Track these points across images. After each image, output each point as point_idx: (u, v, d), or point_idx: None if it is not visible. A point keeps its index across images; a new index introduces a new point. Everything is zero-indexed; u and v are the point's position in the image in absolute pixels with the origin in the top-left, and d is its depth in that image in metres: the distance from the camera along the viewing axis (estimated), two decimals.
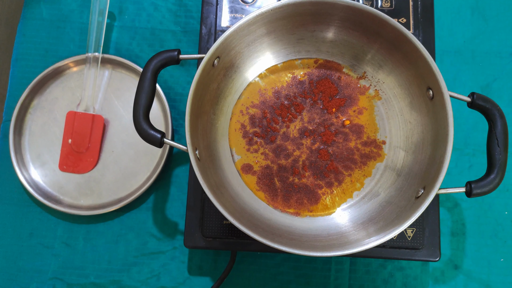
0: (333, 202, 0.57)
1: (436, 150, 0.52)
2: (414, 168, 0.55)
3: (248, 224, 0.49)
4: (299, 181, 0.58)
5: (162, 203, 0.65)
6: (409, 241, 0.58)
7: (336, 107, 0.60)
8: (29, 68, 0.69)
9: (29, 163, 0.65)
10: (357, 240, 0.51)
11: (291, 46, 0.60)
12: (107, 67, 0.67)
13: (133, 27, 0.70)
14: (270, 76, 0.61)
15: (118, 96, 0.67)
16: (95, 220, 0.65)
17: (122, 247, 0.64)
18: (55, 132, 0.66)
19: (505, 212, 0.64)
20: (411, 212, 0.49)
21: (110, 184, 0.64)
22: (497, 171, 0.49)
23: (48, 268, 0.63)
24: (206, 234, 0.58)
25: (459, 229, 0.64)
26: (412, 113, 0.58)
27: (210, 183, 0.50)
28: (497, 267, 0.63)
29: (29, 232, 0.65)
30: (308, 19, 0.56)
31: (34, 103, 0.67)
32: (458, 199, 0.65)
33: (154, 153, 0.65)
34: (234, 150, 0.59)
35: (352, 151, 0.59)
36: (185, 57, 0.52)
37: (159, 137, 0.49)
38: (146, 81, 0.50)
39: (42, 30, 0.70)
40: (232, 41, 0.54)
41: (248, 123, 0.60)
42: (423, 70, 0.53)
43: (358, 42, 0.58)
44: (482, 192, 0.48)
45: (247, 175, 0.58)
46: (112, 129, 0.66)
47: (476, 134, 0.67)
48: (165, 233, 0.64)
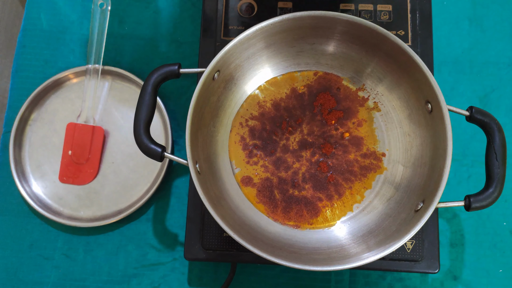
0: (333, 215, 0.58)
1: (435, 163, 0.52)
2: (413, 181, 0.56)
3: (247, 236, 0.49)
4: (299, 194, 0.58)
5: (162, 214, 0.65)
6: (409, 253, 0.58)
7: (335, 119, 0.60)
8: (29, 80, 0.69)
9: (29, 175, 0.65)
10: (357, 253, 0.51)
11: (290, 59, 0.60)
12: (107, 78, 0.68)
13: (133, 38, 0.70)
14: (270, 89, 0.61)
15: (118, 107, 0.67)
16: (95, 232, 0.65)
17: (122, 259, 0.64)
18: (55, 144, 0.66)
19: (504, 223, 0.65)
20: (410, 225, 0.49)
21: (110, 196, 0.65)
22: (496, 185, 0.49)
23: (48, 280, 0.63)
24: (206, 246, 0.59)
25: (458, 240, 0.64)
26: (411, 126, 0.58)
27: (210, 195, 0.51)
28: (496, 277, 0.63)
29: (29, 244, 0.65)
30: (307, 33, 0.57)
31: (34, 115, 0.67)
32: (457, 210, 0.65)
33: (154, 164, 0.65)
34: (234, 163, 0.59)
35: (351, 163, 0.59)
36: (185, 71, 0.52)
37: (160, 151, 0.50)
38: (147, 95, 0.50)
39: (42, 41, 0.70)
40: (232, 54, 0.55)
41: (247, 135, 0.60)
42: (422, 84, 0.53)
43: (357, 55, 0.58)
44: (481, 206, 0.49)
45: (247, 187, 0.58)
46: (112, 140, 0.66)
47: (475, 144, 0.67)
48: (165, 245, 0.64)
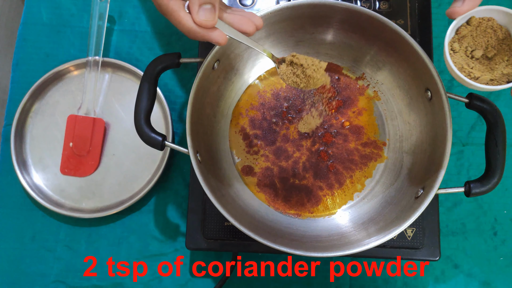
0: (333, 203, 0.58)
1: (435, 150, 0.52)
2: (413, 169, 0.56)
3: (249, 225, 0.50)
4: (299, 183, 0.58)
5: (164, 205, 0.66)
6: (409, 241, 0.58)
7: (335, 108, 0.60)
8: (30, 72, 0.69)
9: (30, 167, 0.66)
10: (358, 240, 0.51)
11: (290, 48, 0.61)
12: (107, 70, 0.68)
13: (133, 31, 0.71)
14: (270, 78, 0.61)
15: (119, 99, 0.67)
16: (97, 223, 0.65)
17: (124, 250, 0.64)
18: (56, 136, 0.66)
19: (504, 211, 0.65)
20: (410, 212, 0.49)
21: (111, 187, 0.65)
22: (496, 171, 0.49)
23: (51, 272, 0.64)
24: (208, 235, 0.59)
25: (458, 228, 0.64)
26: (411, 114, 0.58)
27: (211, 185, 0.51)
28: (497, 265, 0.63)
29: (31, 236, 0.65)
30: (307, 22, 0.57)
31: (35, 107, 0.67)
32: (458, 199, 0.65)
33: (155, 155, 0.65)
34: (235, 152, 0.60)
35: (352, 152, 0.59)
36: (185, 60, 0.52)
37: (160, 140, 0.50)
38: (147, 85, 0.51)
39: (43, 34, 0.71)
40: (232, 44, 0.55)
41: (248, 125, 0.60)
42: (421, 72, 0.53)
43: (356, 44, 0.58)
44: (480, 192, 0.49)
45: (248, 176, 0.59)
46: (113, 132, 0.66)
47: (475, 133, 0.67)
48: (167, 235, 0.65)
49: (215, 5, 0.39)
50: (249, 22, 0.43)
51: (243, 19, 0.43)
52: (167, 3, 0.39)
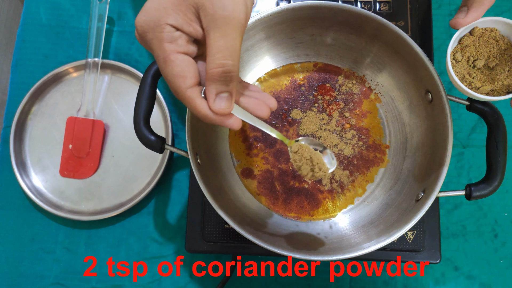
0: (334, 206, 0.58)
1: (435, 153, 0.52)
2: (414, 171, 0.56)
3: (248, 228, 0.49)
4: (299, 185, 0.58)
5: (163, 207, 0.65)
6: (410, 243, 0.58)
7: (335, 110, 0.60)
8: (29, 74, 0.69)
9: (29, 169, 0.65)
10: (358, 243, 0.51)
11: (290, 50, 0.60)
12: (106, 72, 0.68)
13: (132, 32, 0.70)
14: (270, 80, 0.61)
15: (118, 101, 0.67)
16: (96, 225, 0.65)
17: (123, 252, 0.64)
18: (55, 138, 0.66)
19: (505, 213, 0.64)
20: (411, 215, 0.49)
21: (111, 189, 0.65)
22: (497, 174, 0.49)
23: (50, 273, 0.64)
24: (207, 238, 0.59)
25: (459, 230, 0.64)
26: (411, 116, 0.58)
27: (211, 187, 0.51)
28: (497, 267, 0.63)
29: (30, 238, 0.65)
30: (306, 23, 0.57)
31: (34, 109, 0.67)
32: (458, 201, 0.65)
33: (154, 157, 0.65)
34: (234, 155, 0.59)
35: (354, 157, 0.59)
36: None
37: (160, 142, 0.50)
38: (146, 87, 0.50)
39: (42, 35, 0.70)
40: None
41: (248, 128, 0.60)
42: (422, 74, 0.53)
43: (356, 45, 0.58)
44: (481, 195, 0.49)
45: (248, 179, 0.58)
46: (112, 134, 0.66)
47: (475, 135, 0.67)
48: (166, 237, 0.64)
49: (232, 93, 0.39)
50: (264, 107, 0.42)
51: (258, 103, 0.42)
52: (184, 91, 0.38)
